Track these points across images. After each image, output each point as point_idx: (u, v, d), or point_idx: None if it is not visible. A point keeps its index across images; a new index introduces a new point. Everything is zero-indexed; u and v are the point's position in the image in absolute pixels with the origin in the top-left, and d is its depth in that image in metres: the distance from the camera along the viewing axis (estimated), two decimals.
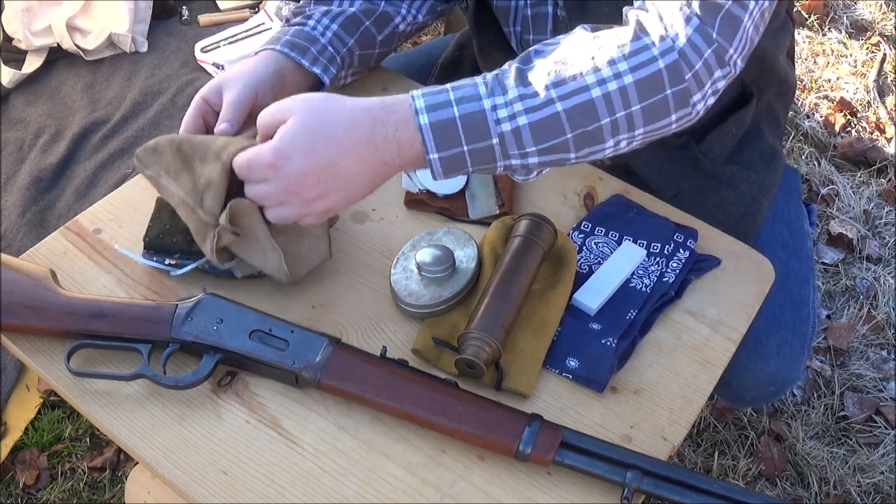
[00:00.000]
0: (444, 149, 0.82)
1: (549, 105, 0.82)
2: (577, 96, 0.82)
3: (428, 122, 0.81)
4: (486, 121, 0.82)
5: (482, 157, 0.83)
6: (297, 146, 0.82)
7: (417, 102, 0.82)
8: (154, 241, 0.98)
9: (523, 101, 0.82)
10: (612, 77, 0.81)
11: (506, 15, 1.17)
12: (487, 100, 0.82)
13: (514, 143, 0.83)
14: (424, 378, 0.86)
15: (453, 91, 0.83)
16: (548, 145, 0.83)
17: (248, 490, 0.82)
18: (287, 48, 1.06)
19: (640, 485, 0.80)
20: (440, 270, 0.94)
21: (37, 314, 0.89)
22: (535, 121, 0.82)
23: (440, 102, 0.82)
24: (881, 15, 2.69)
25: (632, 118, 0.83)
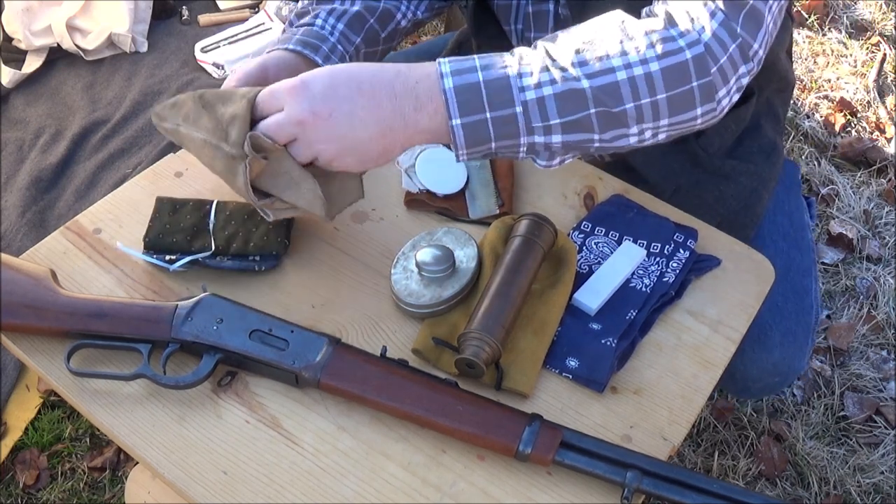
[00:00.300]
0: (468, 114, 0.81)
1: (575, 80, 0.82)
2: (603, 76, 0.82)
3: (452, 86, 0.81)
4: (510, 87, 0.81)
5: (506, 128, 0.82)
6: (320, 79, 0.82)
7: (443, 67, 0.82)
8: (154, 240, 0.98)
9: (550, 72, 0.82)
10: (638, 62, 0.82)
11: (507, 13, 1.17)
12: (512, 68, 0.82)
13: (537, 114, 0.82)
14: (424, 378, 0.86)
15: (479, 59, 0.83)
16: (572, 119, 0.83)
17: (248, 490, 0.82)
18: (300, 46, 1.06)
19: (640, 485, 0.80)
20: (440, 270, 0.94)
21: (37, 314, 0.89)
22: (559, 92, 0.81)
23: (465, 68, 0.82)
24: (881, 15, 2.70)
25: (657, 106, 0.83)
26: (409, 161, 1.06)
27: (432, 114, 0.83)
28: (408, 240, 1.00)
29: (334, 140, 0.83)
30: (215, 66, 2.06)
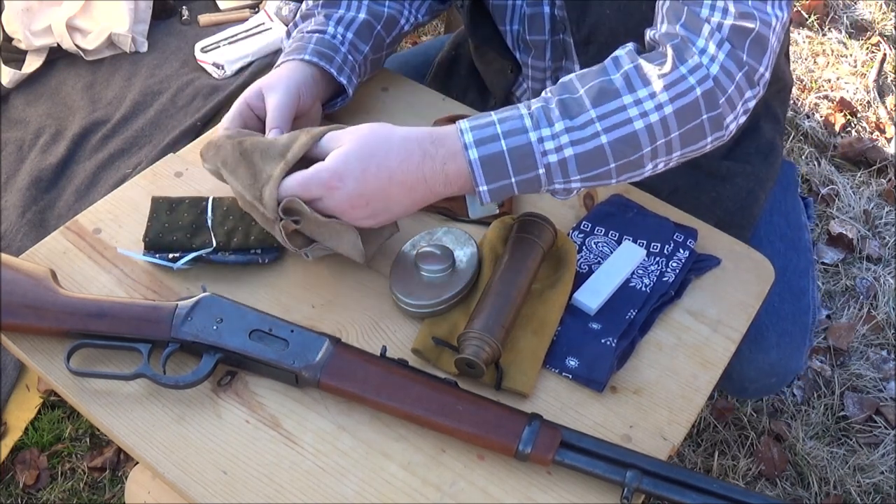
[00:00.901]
0: (493, 181, 0.86)
1: (595, 138, 0.85)
2: (621, 129, 0.85)
3: (477, 157, 0.85)
4: (532, 154, 0.85)
5: (529, 185, 0.87)
6: (352, 171, 0.86)
7: (466, 137, 0.86)
8: (154, 240, 0.98)
9: (570, 134, 0.85)
10: (654, 109, 0.85)
11: (502, 14, 1.17)
12: (534, 132, 0.85)
13: (559, 173, 0.87)
14: (424, 378, 0.86)
15: (500, 124, 0.86)
16: (592, 174, 0.87)
17: (247, 490, 0.82)
18: (316, 57, 1.06)
19: (640, 484, 0.80)
20: (440, 270, 0.94)
21: (37, 314, 0.89)
22: (580, 152, 0.85)
23: (488, 136, 0.85)
24: (881, 15, 2.70)
25: (670, 144, 0.88)
26: None
27: (460, 186, 0.88)
28: (408, 240, 1.00)
29: (372, 218, 0.89)
30: (215, 66, 2.06)
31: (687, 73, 0.86)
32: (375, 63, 1.17)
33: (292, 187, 0.88)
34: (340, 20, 1.11)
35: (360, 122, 1.15)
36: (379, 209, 0.88)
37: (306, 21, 1.14)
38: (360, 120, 1.16)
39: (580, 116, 0.85)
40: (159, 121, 1.96)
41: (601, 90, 0.86)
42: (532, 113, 0.86)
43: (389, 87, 1.22)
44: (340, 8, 1.13)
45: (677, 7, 0.90)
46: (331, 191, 0.86)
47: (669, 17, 0.91)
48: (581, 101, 0.86)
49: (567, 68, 1.18)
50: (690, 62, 0.86)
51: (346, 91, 1.10)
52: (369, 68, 1.16)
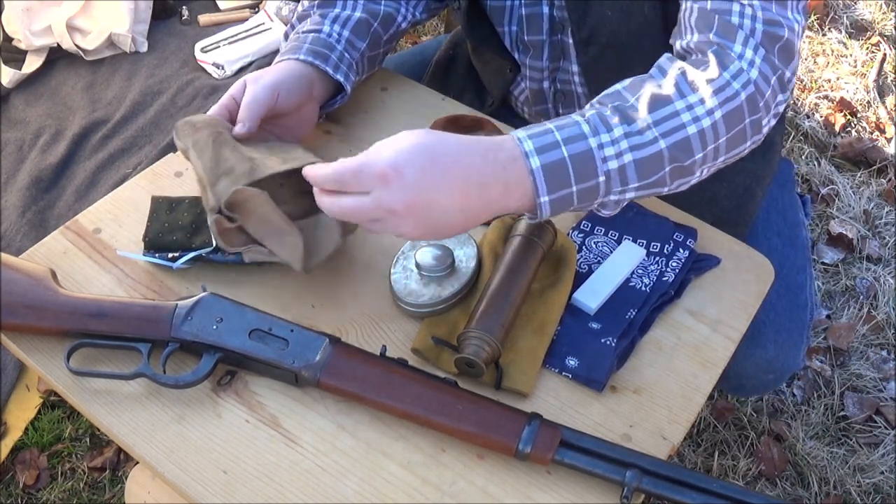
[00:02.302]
0: (555, 190, 0.82)
1: (654, 143, 0.84)
2: (676, 134, 0.85)
3: (539, 165, 0.81)
4: (593, 159, 0.83)
5: (587, 195, 0.84)
6: (413, 163, 0.78)
7: (525, 145, 0.81)
8: (154, 239, 0.98)
9: (629, 139, 0.84)
10: (705, 114, 0.85)
11: (500, 15, 1.17)
12: (593, 138, 0.83)
13: (618, 181, 0.85)
14: (424, 377, 0.86)
15: (558, 131, 0.83)
16: (649, 181, 0.86)
17: (247, 489, 0.82)
18: (310, 56, 1.06)
19: (640, 484, 0.80)
20: (440, 270, 0.94)
21: (37, 313, 0.89)
22: (640, 158, 0.84)
23: (548, 144, 0.82)
24: (881, 15, 2.70)
25: (718, 149, 0.88)
26: None
27: (519, 196, 0.82)
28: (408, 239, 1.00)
29: (421, 227, 0.81)
30: (215, 66, 2.06)
31: (730, 78, 0.87)
32: (373, 60, 1.17)
33: (338, 171, 0.80)
34: (336, 19, 1.12)
35: (360, 122, 1.16)
36: (425, 215, 0.79)
37: (302, 22, 1.14)
38: (360, 120, 1.17)
39: (637, 122, 0.84)
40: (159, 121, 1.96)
41: (653, 97, 0.86)
42: (588, 120, 0.84)
43: (389, 87, 1.22)
44: (336, 7, 1.13)
45: (707, 16, 0.91)
46: (385, 182, 0.78)
47: (700, 26, 0.92)
48: (636, 108, 0.85)
49: (565, 68, 1.18)
50: (732, 67, 0.87)
51: (344, 88, 1.10)
52: (367, 66, 1.16)
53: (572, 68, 1.17)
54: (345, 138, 1.14)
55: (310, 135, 1.11)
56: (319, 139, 1.14)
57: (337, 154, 1.11)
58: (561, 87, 1.21)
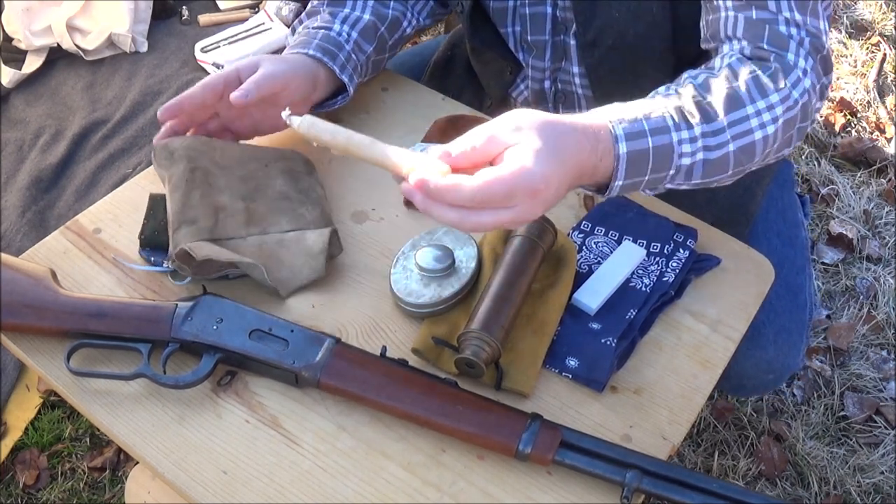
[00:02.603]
0: (630, 177, 0.83)
1: (725, 146, 0.86)
2: (745, 138, 0.87)
3: (626, 152, 0.81)
4: (672, 154, 0.84)
5: (652, 183, 0.86)
6: (553, 172, 0.74)
7: (616, 130, 0.81)
8: (150, 238, 0.98)
9: (704, 139, 0.85)
10: (770, 121, 0.87)
11: (503, 16, 1.17)
12: (675, 133, 0.84)
13: (683, 175, 0.86)
14: (424, 378, 0.86)
15: (646, 121, 0.83)
16: (708, 180, 0.88)
17: (247, 490, 0.82)
18: (319, 52, 1.06)
19: (640, 484, 0.80)
20: (440, 270, 0.94)
21: (37, 313, 0.89)
22: (709, 159, 0.86)
23: (637, 132, 0.82)
24: (881, 15, 2.70)
25: (769, 154, 0.91)
26: None
27: (598, 180, 0.83)
28: (408, 240, 1.00)
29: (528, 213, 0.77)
30: (215, 66, 2.06)
31: (791, 86, 0.89)
32: (377, 64, 1.18)
33: (485, 191, 0.72)
34: (346, 19, 1.12)
35: (360, 122, 1.16)
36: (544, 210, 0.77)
37: (311, 18, 1.14)
38: (360, 120, 1.17)
39: (715, 122, 0.85)
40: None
41: (730, 96, 0.87)
42: (672, 114, 0.84)
43: (389, 87, 1.22)
44: (346, 7, 1.13)
45: (756, 25, 0.92)
46: (535, 196, 0.73)
47: (749, 35, 0.93)
48: (714, 106, 0.86)
49: (566, 69, 1.18)
50: (792, 76, 0.89)
51: (347, 90, 1.10)
52: (371, 69, 1.16)
53: (573, 69, 1.17)
54: None
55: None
56: None
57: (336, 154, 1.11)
58: (562, 88, 1.21)
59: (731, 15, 0.94)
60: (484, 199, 0.72)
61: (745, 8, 0.93)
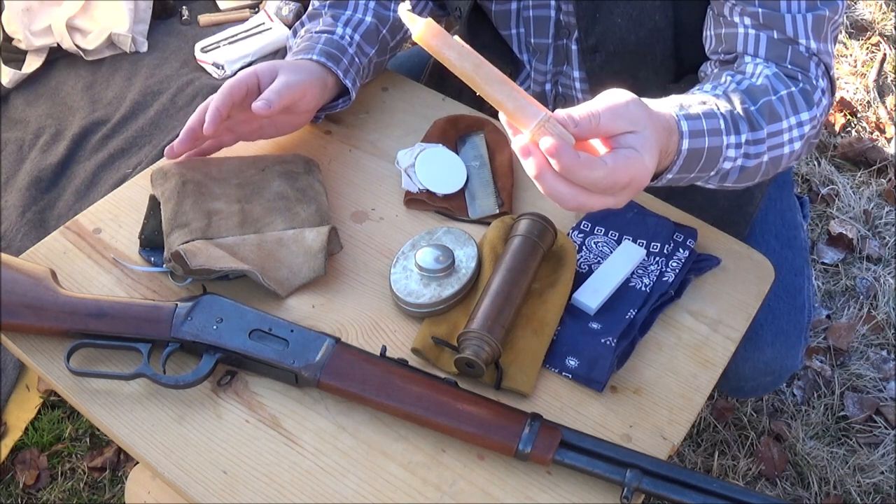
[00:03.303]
0: (682, 172, 0.86)
1: (761, 156, 0.90)
2: (777, 150, 0.91)
3: (686, 148, 0.84)
4: (719, 157, 0.88)
5: (693, 180, 0.90)
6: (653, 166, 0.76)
7: (682, 125, 0.84)
8: (150, 238, 0.99)
9: (747, 147, 0.89)
10: (798, 137, 0.92)
11: (506, 18, 1.17)
12: (726, 137, 0.87)
13: (719, 178, 0.91)
14: (424, 377, 0.86)
15: (706, 120, 0.85)
16: (740, 183, 0.93)
17: (247, 489, 0.82)
18: (323, 57, 1.06)
19: (640, 484, 0.80)
20: (440, 270, 0.94)
21: (37, 313, 0.89)
22: (746, 165, 0.90)
23: (698, 130, 0.85)
24: (881, 15, 2.69)
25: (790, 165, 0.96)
26: (408, 161, 1.06)
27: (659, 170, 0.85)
28: (408, 240, 1.00)
29: None
30: (215, 66, 2.06)
31: (815, 104, 0.94)
32: (378, 66, 1.18)
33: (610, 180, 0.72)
34: (348, 22, 1.12)
35: (361, 122, 1.16)
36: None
37: (314, 21, 1.13)
38: (360, 120, 1.17)
39: (759, 132, 0.89)
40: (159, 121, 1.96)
41: (771, 110, 0.90)
42: (725, 116, 0.87)
43: (389, 87, 1.22)
44: (348, 9, 1.13)
45: (779, 46, 0.95)
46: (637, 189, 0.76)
47: (772, 55, 0.95)
48: (759, 116, 0.89)
49: (566, 73, 1.18)
50: (816, 95, 0.94)
51: (350, 93, 1.10)
52: (372, 71, 1.16)
53: (573, 73, 1.17)
54: (345, 138, 1.14)
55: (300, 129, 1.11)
56: (320, 139, 1.14)
57: (336, 154, 1.12)
58: (562, 91, 1.21)
59: (751, 33, 0.96)
60: (607, 186, 0.73)
61: (764, 28, 0.96)
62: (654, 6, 1.03)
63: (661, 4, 1.03)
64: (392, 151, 1.10)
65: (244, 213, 0.99)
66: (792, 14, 0.95)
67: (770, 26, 0.95)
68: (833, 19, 0.97)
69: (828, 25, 0.96)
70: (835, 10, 0.96)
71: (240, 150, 1.11)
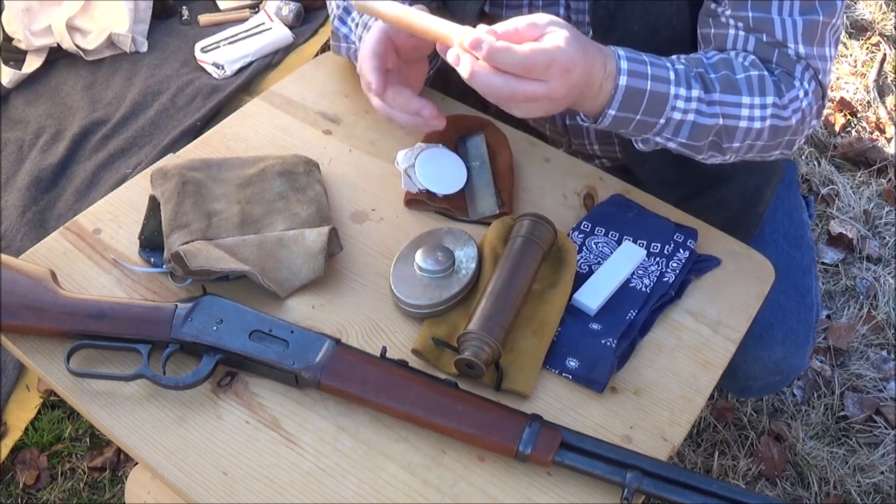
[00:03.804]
0: (623, 110, 0.91)
1: (714, 116, 0.94)
2: (731, 119, 0.95)
3: (624, 85, 0.89)
4: (665, 103, 0.91)
5: (641, 127, 0.93)
6: (579, 59, 0.83)
7: (622, 63, 0.89)
8: (150, 238, 0.99)
9: (698, 103, 0.93)
10: (758, 118, 0.95)
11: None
12: (674, 87, 0.91)
13: (672, 130, 0.94)
14: (424, 378, 0.85)
15: (650, 66, 0.91)
16: (692, 143, 0.96)
17: (247, 490, 0.82)
18: None
19: (641, 485, 0.80)
20: (440, 270, 0.94)
21: (37, 314, 0.89)
22: (698, 122, 0.93)
23: (639, 72, 0.90)
24: (881, 15, 2.69)
25: (752, 147, 0.98)
26: (408, 161, 1.06)
27: (594, 103, 0.91)
28: (408, 240, 1.00)
29: (556, 109, 0.87)
30: (215, 66, 2.06)
31: (788, 102, 0.96)
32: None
33: (530, 60, 0.81)
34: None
35: (361, 122, 1.16)
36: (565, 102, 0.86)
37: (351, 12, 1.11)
38: (360, 119, 1.16)
39: (711, 94, 0.93)
40: (159, 121, 1.96)
41: (729, 81, 0.94)
42: (676, 70, 0.92)
43: None
44: None
45: (767, 49, 0.98)
46: (565, 74, 0.82)
47: (758, 53, 0.98)
48: (714, 83, 0.94)
49: None
50: (791, 94, 0.97)
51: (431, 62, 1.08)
52: None
53: None
54: (345, 138, 1.14)
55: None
56: (320, 139, 1.14)
57: (336, 154, 1.12)
58: None
59: (741, 34, 0.99)
60: (529, 66, 0.81)
61: (754, 31, 0.98)
62: (671, 13, 1.03)
63: (677, 11, 1.03)
64: (392, 151, 1.09)
65: (244, 214, 0.99)
66: (782, 18, 0.96)
67: (760, 30, 0.97)
68: (831, 23, 0.97)
69: (823, 30, 0.97)
70: (832, 13, 0.97)
71: (240, 151, 1.11)
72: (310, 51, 2.17)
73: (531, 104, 0.84)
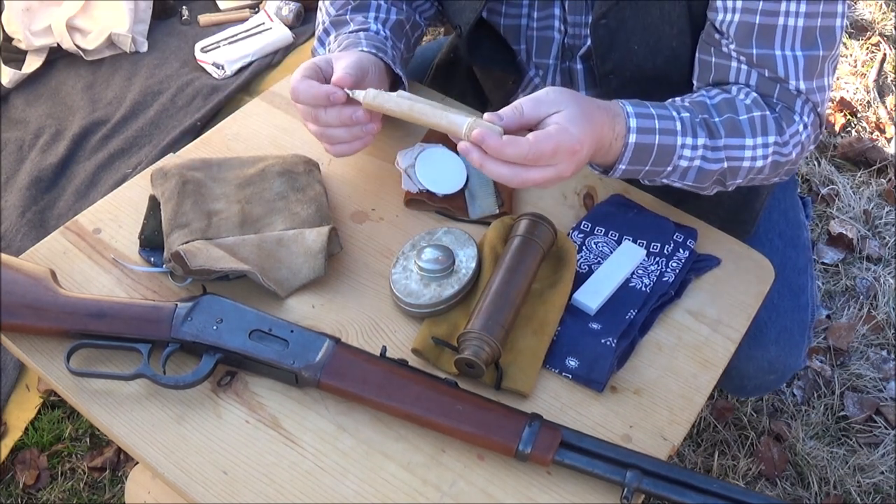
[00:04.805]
0: (633, 164, 0.94)
1: (720, 162, 0.97)
2: (736, 161, 0.97)
3: (633, 142, 0.92)
4: (672, 154, 0.94)
5: (651, 175, 0.97)
6: (587, 136, 0.87)
7: (631, 122, 0.92)
8: (150, 238, 0.99)
9: (705, 150, 0.96)
10: (760, 157, 0.98)
11: (514, 33, 1.17)
12: (681, 138, 0.94)
13: (679, 175, 0.97)
14: (424, 378, 0.86)
15: (658, 120, 0.94)
16: (697, 185, 0.99)
17: (247, 490, 0.82)
18: (373, 49, 1.04)
19: (640, 484, 0.80)
20: (440, 270, 0.94)
21: (37, 314, 0.89)
22: (703, 168, 0.96)
23: (648, 128, 0.93)
24: (881, 15, 2.69)
25: (753, 180, 1.02)
26: (408, 161, 1.06)
27: (605, 159, 0.94)
28: (408, 240, 1.00)
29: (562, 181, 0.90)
30: (215, 66, 2.06)
31: (789, 137, 0.99)
32: (406, 62, 1.17)
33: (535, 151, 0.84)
34: (377, 19, 1.11)
35: None
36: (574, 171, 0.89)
37: (342, 26, 1.11)
38: None
39: (717, 140, 0.96)
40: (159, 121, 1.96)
41: (733, 124, 0.97)
42: (682, 119, 0.95)
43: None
44: (371, 10, 1.12)
45: (767, 83, 0.99)
46: (573, 156, 0.86)
47: (760, 89, 1.00)
48: (719, 127, 0.96)
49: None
50: (792, 129, 0.99)
51: (403, 82, 1.08)
52: (405, 66, 1.15)
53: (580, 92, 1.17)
54: None
55: None
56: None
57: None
58: None
59: (743, 68, 1.00)
60: (534, 156, 0.84)
61: (757, 67, 0.99)
62: (671, 35, 1.04)
63: (678, 33, 1.03)
64: (392, 151, 1.10)
65: (244, 214, 0.99)
66: (784, 54, 0.97)
67: (762, 65, 0.98)
68: (830, 56, 0.99)
69: (823, 63, 0.99)
70: (831, 45, 0.98)
71: (240, 151, 1.11)
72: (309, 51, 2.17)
73: (549, 182, 0.88)
